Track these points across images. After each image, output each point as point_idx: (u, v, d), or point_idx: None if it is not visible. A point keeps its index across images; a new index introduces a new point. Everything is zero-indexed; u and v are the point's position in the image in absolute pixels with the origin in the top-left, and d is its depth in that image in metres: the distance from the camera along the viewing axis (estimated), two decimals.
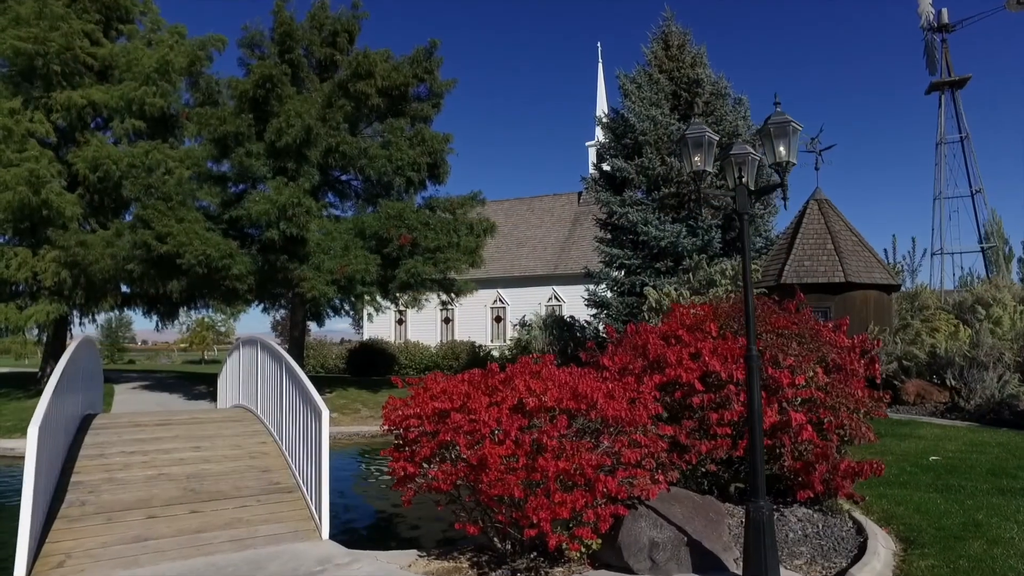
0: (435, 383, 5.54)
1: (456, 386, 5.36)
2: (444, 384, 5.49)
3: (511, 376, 5.39)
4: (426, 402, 5.26)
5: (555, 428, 4.67)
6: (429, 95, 19.29)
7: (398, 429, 5.45)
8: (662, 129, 20.81)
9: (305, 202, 14.14)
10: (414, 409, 5.24)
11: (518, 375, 5.40)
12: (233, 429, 8.55)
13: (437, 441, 5.09)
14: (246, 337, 10.69)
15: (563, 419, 4.75)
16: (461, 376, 5.65)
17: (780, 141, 4.61)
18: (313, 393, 6.41)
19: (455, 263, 16.33)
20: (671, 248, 19.55)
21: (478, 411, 5.00)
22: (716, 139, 4.86)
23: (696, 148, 4.90)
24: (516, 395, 5.08)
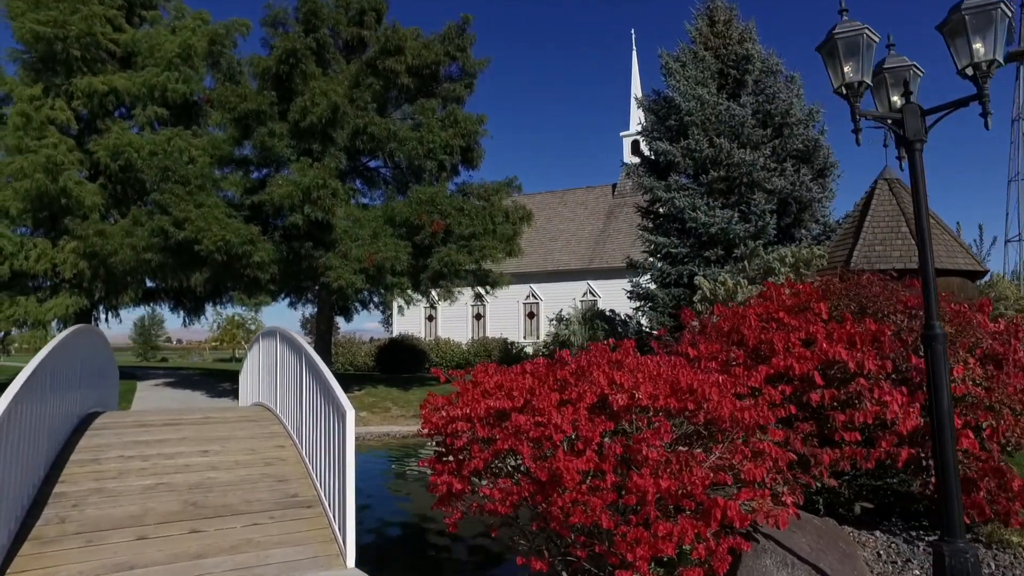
0: (487, 376, 4.37)
1: (515, 380, 4.19)
2: (499, 377, 4.32)
3: (586, 366, 4.20)
4: (477, 400, 4.10)
5: (657, 434, 3.47)
6: (461, 75, 18.18)
7: (441, 434, 4.29)
8: (709, 109, 19.39)
9: (331, 184, 13.12)
10: (462, 409, 4.08)
11: (594, 365, 4.21)
12: (248, 430, 7.51)
13: (493, 450, 3.93)
14: (266, 329, 9.67)
15: (665, 423, 3.53)
16: (519, 367, 4.48)
17: (977, 36, 3.28)
18: (336, 389, 5.30)
19: (491, 251, 15.19)
20: (721, 235, 18.14)
21: (546, 411, 3.82)
22: (876, 40, 3.53)
23: (849, 53, 3.53)
24: (596, 390, 3.89)
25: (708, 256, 18.56)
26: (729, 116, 19.20)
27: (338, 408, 5.14)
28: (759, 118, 19.34)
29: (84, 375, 7.85)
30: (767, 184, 18.37)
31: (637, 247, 36.02)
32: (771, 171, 18.33)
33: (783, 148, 19.11)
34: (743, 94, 19.75)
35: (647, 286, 19.77)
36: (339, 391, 5.26)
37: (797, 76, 20.44)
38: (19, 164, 15.40)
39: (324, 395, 5.68)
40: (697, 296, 16.51)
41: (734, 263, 18.02)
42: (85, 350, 7.76)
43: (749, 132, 18.97)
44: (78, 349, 7.21)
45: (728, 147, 18.65)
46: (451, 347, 32.63)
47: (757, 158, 18.11)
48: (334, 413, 5.31)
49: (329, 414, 5.48)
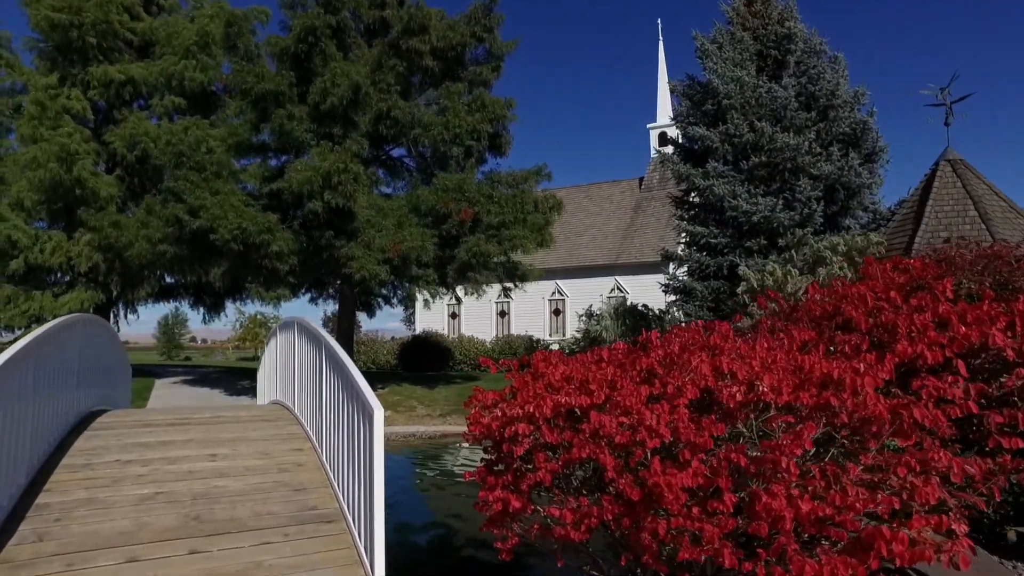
0: (551, 366, 3.49)
1: (589, 370, 3.30)
2: (566, 368, 3.44)
3: (678, 352, 3.30)
4: (541, 396, 3.22)
5: (797, 440, 2.56)
6: (487, 57, 17.33)
7: (494, 439, 3.43)
8: (749, 91, 18.33)
9: (352, 168, 12.33)
10: (523, 407, 3.20)
11: (689, 350, 3.31)
12: (262, 431, 6.72)
13: (564, 459, 3.05)
14: (283, 321, 8.90)
15: (810, 424, 2.62)
16: (590, 354, 3.59)
17: None
18: (361, 385, 4.47)
19: (522, 241, 14.32)
20: (764, 224, 17.06)
21: (636, 410, 2.93)
22: None
23: None
24: (700, 382, 2.99)
25: (750, 246, 17.49)
26: (770, 99, 18.11)
27: (364, 407, 4.31)
28: (802, 101, 18.23)
29: (85, 370, 7.12)
30: (812, 169, 17.26)
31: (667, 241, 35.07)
32: (816, 156, 17.22)
33: (828, 132, 17.99)
34: (784, 75, 18.65)
35: (683, 279, 18.75)
36: (365, 387, 4.42)
37: (841, 56, 19.27)
38: (33, 153, 14.87)
39: (348, 392, 4.85)
40: (741, 288, 15.48)
41: (778, 253, 16.95)
42: (84, 342, 7.03)
43: (792, 115, 17.86)
44: (73, 341, 6.47)
45: (770, 131, 17.57)
46: (475, 345, 31.84)
47: (802, 142, 17.01)
48: (359, 412, 4.48)
49: (353, 414, 4.64)
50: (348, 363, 4.92)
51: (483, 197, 14.09)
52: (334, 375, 5.39)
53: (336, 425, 5.27)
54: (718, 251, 18.18)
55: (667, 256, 19.90)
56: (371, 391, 4.37)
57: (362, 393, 4.38)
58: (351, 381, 4.71)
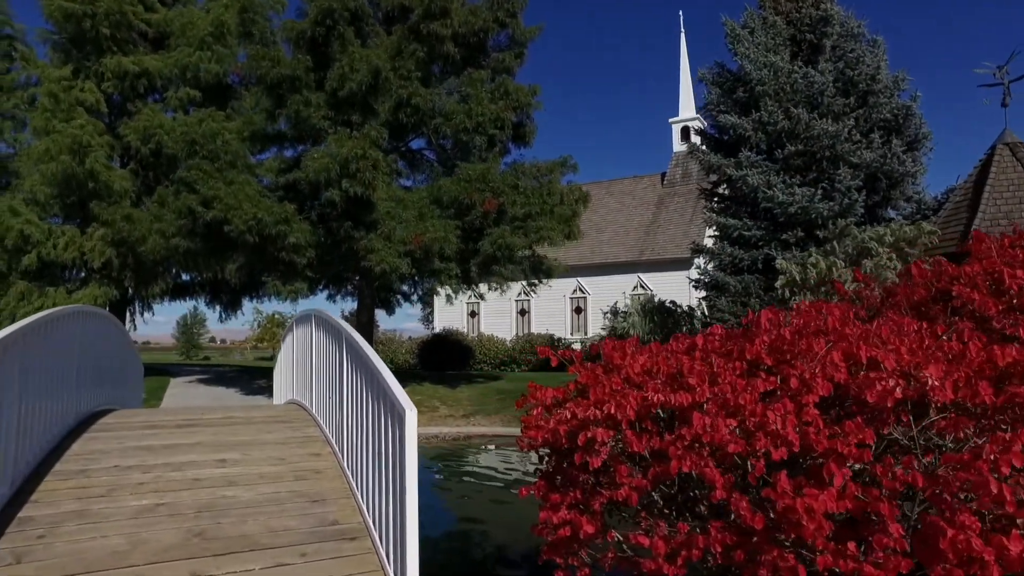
0: (628, 357, 2.81)
1: (679, 362, 2.62)
2: (647, 358, 2.76)
3: (790, 339, 2.61)
4: (622, 393, 2.55)
5: (1006, 449, 1.86)
6: (510, 44, 16.68)
7: (558, 445, 2.76)
8: (784, 77, 17.50)
9: (371, 154, 11.73)
10: (599, 408, 2.53)
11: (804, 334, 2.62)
12: (277, 434, 6.12)
13: (656, 473, 2.37)
14: (300, 314, 8.31)
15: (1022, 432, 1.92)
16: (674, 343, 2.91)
17: None
18: (390, 383, 3.83)
19: (548, 233, 13.64)
20: (801, 215, 16.24)
21: (749, 410, 2.25)
22: None
23: None
24: (834, 376, 2.30)
25: (786, 239, 16.67)
26: (806, 84, 17.27)
27: (393, 407, 3.67)
28: (839, 86, 17.37)
29: (87, 366, 6.57)
30: (852, 158, 16.39)
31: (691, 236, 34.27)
32: (856, 143, 16.36)
33: (868, 118, 17.12)
34: (820, 60, 17.79)
35: (715, 274, 17.95)
36: (394, 385, 3.78)
37: (880, 39, 18.35)
38: (45, 145, 14.47)
39: (373, 390, 4.22)
40: (779, 282, 14.68)
41: (817, 246, 16.12)
42: (86, 336, 6.47)
43: (829, 101, 17.01)
44: (70, 333, 5.91)
45: (806, 118, 16.74)
46: (495, 344, 31.22)
47: (841, 129, 16.15)
48: (387, 414, 3.84)
49: (380, 415, 4.01)
50: (373, 358, 4.29)
51: (508, 187, 13.45)
52: (357, 372, 4.76)
53: (359, 427, 4.65)
54: (752, 244, 17.38)
55: (697, 249, 19.12)
56: (401, 389, 3.73)
57: (391, 391, 3.74)
58: (377, 378, 4.07)
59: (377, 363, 4.14)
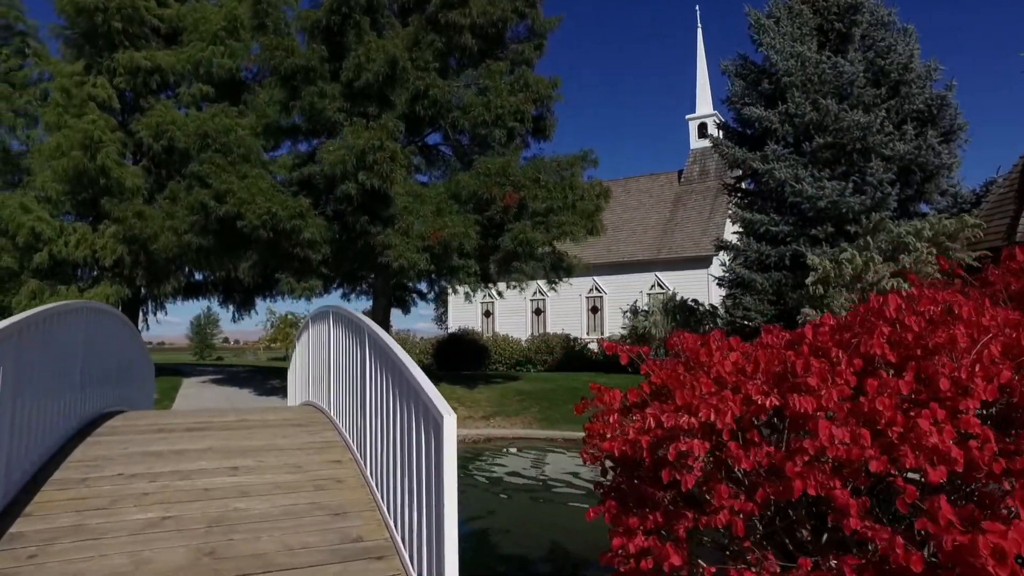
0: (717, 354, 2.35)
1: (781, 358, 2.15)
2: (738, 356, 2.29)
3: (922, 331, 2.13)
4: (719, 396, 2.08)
5: None
6: (529, 34, 16.22)
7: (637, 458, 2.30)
8: (811, 68, 16.92)
9: (389, 146, 11.31)
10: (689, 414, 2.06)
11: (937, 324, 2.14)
12: (293, 438, 5.70)
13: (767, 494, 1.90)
14: (317, 310, 7.89)
15: None
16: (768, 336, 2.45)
17: None
18: (422, 383, 3.39)
19: (571, 228, 13.17)
20: (831, 209, 15.65)
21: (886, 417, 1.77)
22: None
23: None
24: (997, 375, 1.82)
25: (815, 234, 16.08)
26: (835, 75, 16.66)
27: (427, 412, 3.22)
28: (869, 76, 16.74)
29: (93, 366, 6.19)
30: (884, 149, 15.77)
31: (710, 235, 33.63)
32: (889, 135, 15.74)
33: (900, 109, 16.49)
34: (849, 50, 17.18)
35: (740, 271, 17.37)
36: (427, 385, 3.34)
37: (912, 28, 17.70)
38: (56, 141, 14.20)
39: (402, 392, 3.78)
40: (810, 279, 14.13)
41: (847, 241, 15.54)
42: (91, 333, 6.08)
43: (859, 92, 16.41)
44: (74, 330, 5.51)
45: (835, 109, 16.15)
46: (510, 344, 30.77)
47: (873, 120, 15.54)
48: (420, 419, 3.39)
49: (411, 420, 3.56)
50: (402, 355, 3.84)
51: (529, 181, 12.99)
52: (382, 371, 4.32)
53: (385, 432, 4.21)
54: (779, 240, 16.80)
55: (721, 246, 18.54)
56: (435, 391, 3.28)
57: (424, 393, 3.29)
58: (407, 378, 3.63)
59: (407, 361, 3.70)
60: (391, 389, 4.03)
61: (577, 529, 6.62)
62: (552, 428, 13.12)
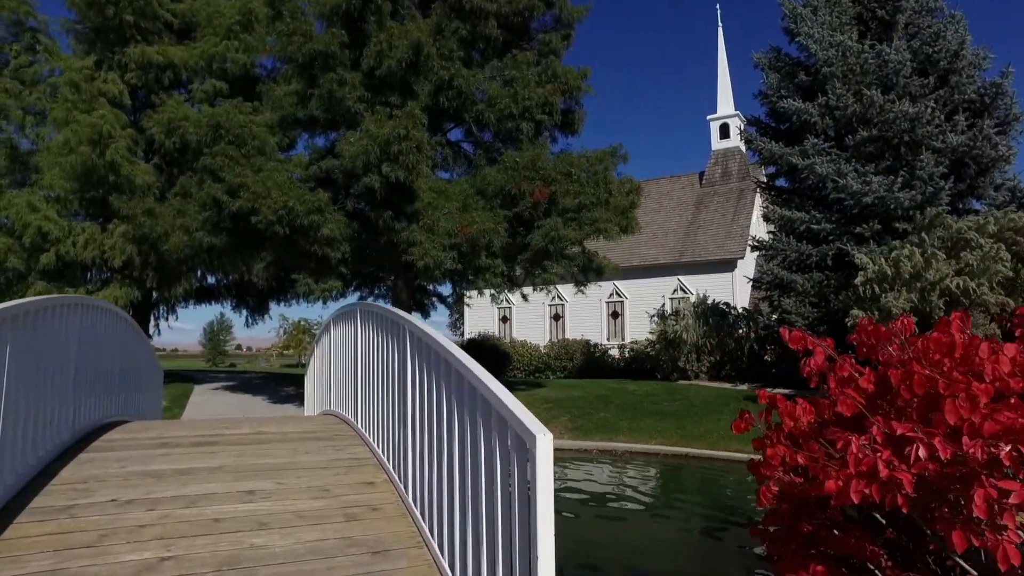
0: (985, 351, 1.50)
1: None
2: (1018, 353, 1.44)
3: None
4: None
5: None
6: (556, 24, 15.47)
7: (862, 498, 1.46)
8: (853, 57, 16.04)
9: (415, 135, 10.55)
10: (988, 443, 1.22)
11: None
12: (316, 454, 4.91)
13: None
14: (340, 310, 7.12)
15: None
16: None
17: None
18: (496, 391, 2.59)
19: (604, 225, 12.36)
20: (879, 205, 14.74)
21: None
22: None
23: None
24: None
25: (860, 232, 15.17)
26: (878, 64, 15.77)
27: (507, 428, 2.42)
28: (916, 65, 15.84)
29: (89, 370, 5.44)
30: (935, 142, 14.86)
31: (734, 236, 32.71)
32: (939, 126, 14.82)
33: (950, 99, 15.56)
34: (893, 38, 16.28)
35: (778, 272, 16.46)
36: (506, 396, 2.53)
37: (960, 14, 16.78)
38: (64, 136, 13.59)
39: (466, 403, 2.96)
40: (860, 278, 13.22)
41: (894, 239, 14.62)
42: (88, 333, 5.34)
43: (905, 82, 15.51)
44: (67, 330, 4.76)
45: (880, 100, 15.25)
46: (528, 349, 29.95)
47: (923, 111, 14.63)
48: (493, 436, 2.59)
49: (477, 437, 2.75)
50: (462, 358, 3.04)
51: (560, 175, 12.20)
52: (431, 376, 3.51)
53: (434, 452, 3.40)
54: (820, 239, 15.89)
55: (756, 246, 17.64)
56: (517, 403, 2.48)
57: (501, 404, 2.49)
58: (474, 387, 2.82)
59: (471, 366, 2.89)
60: (446, 399, 3.23)
61: (653, 549, 5.92)
62: (585, 438, 12.29)
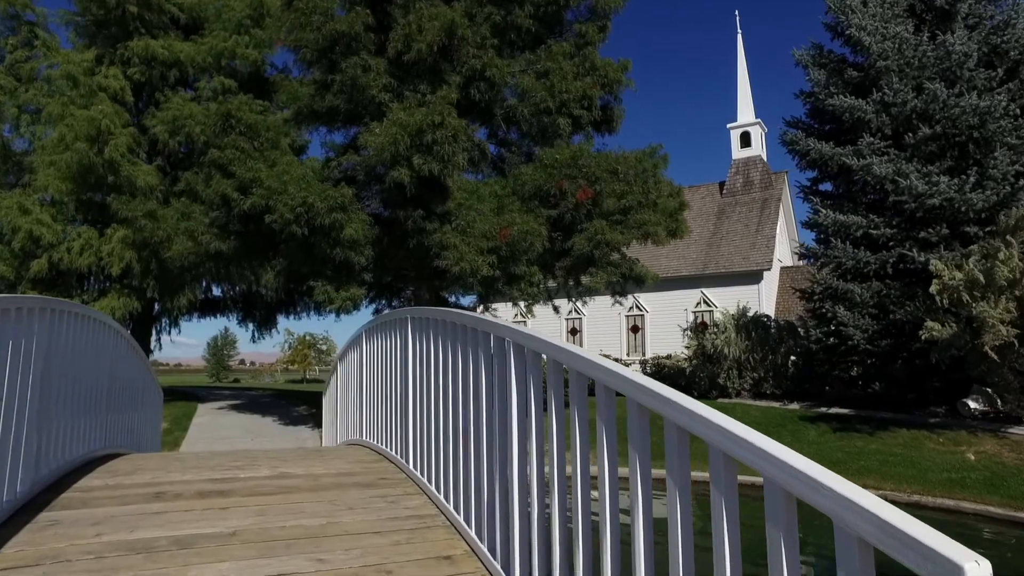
0: None
1: None
2: None
3: None
4: None
5: None
6: (591, 15, 14.33)
7: None
8: (910, 50, 14.86)
9: (450, 122, 9.35)
10: None
11: None
12: (363, 510, 3.60)
13: None
14: (378, 320, 5.85)
15: None
16: None
17: None
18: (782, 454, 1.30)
19: (653, 228, 11.11)
20: (946, 208, 13.47)
21: None
22: None
23: None
24: None
25: (925, 237, 13.89)
26: (938, 56, 14.58)
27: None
28: (980, 56, 14.65)
29: (58, 394, 4.17)
30: (1008, 137, 13.62)
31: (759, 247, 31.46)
32: (1014, 120, 13.58)
33: (1021, 92, 14.35)
34: (955, 29, 15.08)
35: (832, 281, 15.13)
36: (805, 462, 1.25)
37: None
38: (59, 132, 12.43)
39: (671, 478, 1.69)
40: (935, 286, 11.91)
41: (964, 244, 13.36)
42: (58, 344, 4.07)
43: (970, 74, 14.31)
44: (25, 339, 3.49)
45: (944, 94, 14.04)
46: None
47: (995, 104, 13.40)
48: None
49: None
50: (676, 397, 1.77)
51: (606, 173, 10.98)
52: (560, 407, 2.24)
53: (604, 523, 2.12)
54: (880, 245, 14.60)
55: (804, 253, 16.33)
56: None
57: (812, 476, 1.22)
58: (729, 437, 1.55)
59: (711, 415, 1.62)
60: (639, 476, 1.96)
61: None
62: None
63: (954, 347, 11.08)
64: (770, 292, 31.45)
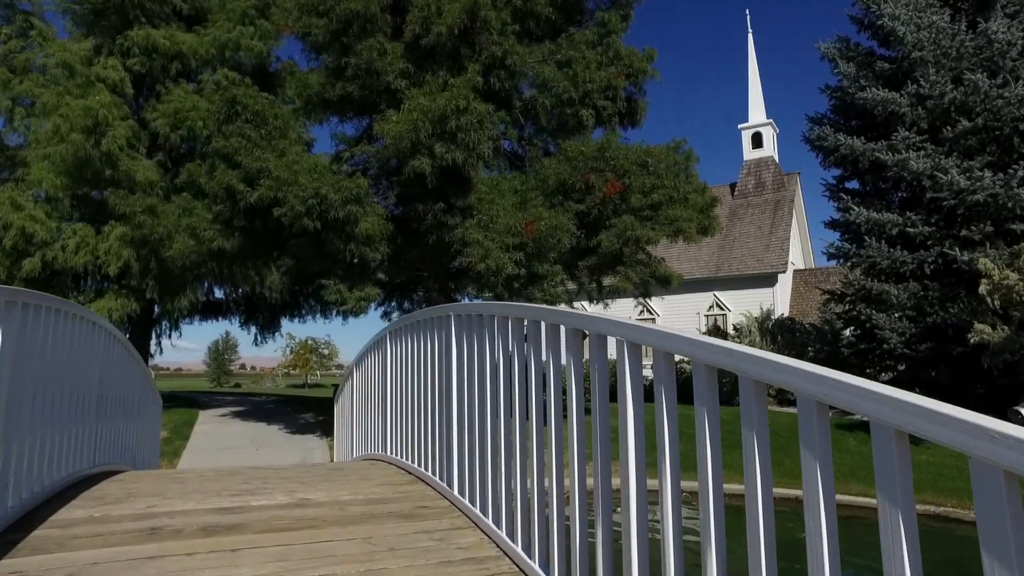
0: None
1: None
2: None
3: None
4: None
5: None
6: (612, 3, 13.67)
7: None
8: (947, 40, 14.19)
9: (476, 107, 8.65)
10: None
11: None
12: (408, 552, 2.85)
13: None
14: (406, 319, 5.12)
15: None
16: None
17: None
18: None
19: (684, 225, 10.40)
20: (991, 203, 12.76)
21: None
22: None
23: None
24: None
25: (967, 235, 13.18)
26: (977, 46, 13.90)
27: None
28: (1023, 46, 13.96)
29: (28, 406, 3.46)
30: None
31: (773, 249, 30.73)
32: None
33: None
34: (995, 17, 14.39)
35: (866, 282, 14.39)
36: None
37: None
38: (54, 123, 11.74)
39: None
40: (984, 287, 11.20)
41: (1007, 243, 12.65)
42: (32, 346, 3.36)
43: (1013, 64, 13.62)
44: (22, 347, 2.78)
45: (986, 86, 13.35)
46: None
47: None
48: None
49: None
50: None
51: (635, 166, 10.27)
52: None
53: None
54: (917, 244, 13.89)
55: (834, 254, 15.60)
56: None
57: None
58: None
59: None
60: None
61: None
62: None
63: (1008, 351, 10.34)
64: (784, 295, 30.74)
